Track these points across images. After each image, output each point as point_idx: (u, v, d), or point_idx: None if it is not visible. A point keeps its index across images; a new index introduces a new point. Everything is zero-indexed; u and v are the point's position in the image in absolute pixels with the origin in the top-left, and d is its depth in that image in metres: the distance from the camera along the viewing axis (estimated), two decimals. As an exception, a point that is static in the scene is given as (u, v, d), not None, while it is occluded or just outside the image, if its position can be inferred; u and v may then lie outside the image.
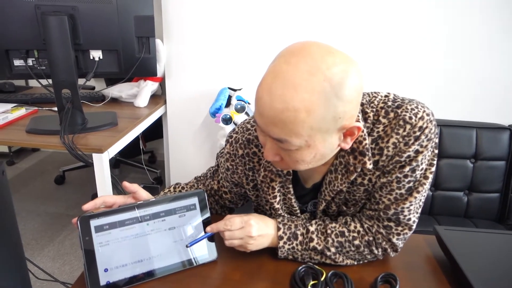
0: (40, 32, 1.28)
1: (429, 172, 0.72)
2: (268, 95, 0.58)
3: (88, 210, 0.75)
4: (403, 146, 0.68)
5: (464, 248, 0.77)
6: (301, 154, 0.63)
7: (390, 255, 0.77)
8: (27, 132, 1.44)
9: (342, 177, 0.74)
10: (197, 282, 0.73)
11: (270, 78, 0.58)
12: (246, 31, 1.78)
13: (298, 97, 0.56)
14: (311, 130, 0.59)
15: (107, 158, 1.36)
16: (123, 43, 1.40)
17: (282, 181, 0.79)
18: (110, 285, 0.70)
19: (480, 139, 1.61)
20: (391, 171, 0.71)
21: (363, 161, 0.70)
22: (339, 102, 0.57)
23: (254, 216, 0.77)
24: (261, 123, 0.62)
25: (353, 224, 0.77)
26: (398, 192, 0.72)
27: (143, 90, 1.85)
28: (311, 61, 0.56)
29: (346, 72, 0.57)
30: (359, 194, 0.76)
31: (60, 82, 1.30)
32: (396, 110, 0.69)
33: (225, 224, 0.75)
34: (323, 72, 0.56)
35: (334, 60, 0.57)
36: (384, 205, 0.73)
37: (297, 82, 0.56)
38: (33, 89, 2.12)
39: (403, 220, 0.74)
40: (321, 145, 0.62)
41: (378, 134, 0.70)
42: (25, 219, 2.24)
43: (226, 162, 0.85)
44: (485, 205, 1.63)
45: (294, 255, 0.77)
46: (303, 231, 0.77)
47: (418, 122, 0.67)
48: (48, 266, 1.88)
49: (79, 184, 2.70)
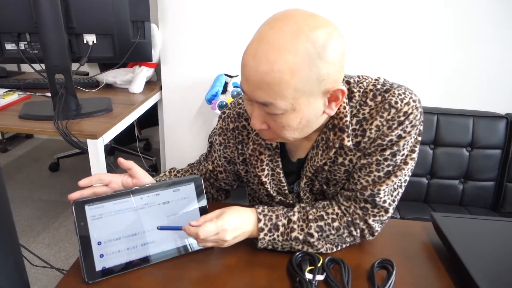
0: (32, 15, 1.25)
1: (409, 158, 0.72)
2: (253, 59, 0.59)
3: (84, 185, 0.75)
4: (386, 130, 0.69)
5: (460, 235, 0.77)
6: (286, 119, 0.64)
7: (366, 238, 0.77)
8: (20, 117, 1.42)
9: (322, 153, 0.75)
10: (193, 268, 0.72)
11: (255, 43, 0.60)
12: (243, 17, 1.75)
13: (282, 59, 0.57)
14: (295, 92, 0.60)
15: (102, 144, 1.35)
16: (117, 27, 1.37)
17: (271, 155, 0.80)
18: (106, 271, 0.69)
19: (476, 127, 1.61)
20: (372, 153, 0.72)
21: (341, 138, 0.71)
22: (322, 63, 0.59)
23: (230, 216, 0.71)
24: (247, 89, 0.63)
25: (331, 208, 0.77)
26: (377, 174, 0.72)
27: (138, 76, 1.83)
28: (294, 24, 0.58)
29: (329, 34, 0.59)
30: (339, 174, 0.77)
31: (53, 66, 1.28)
32: (384, 94, 0.70)
33: (198, 234, 0.68)
34: (306, 34, 0.57)
35: (316, 23, 0.59)
36: (362, 186, 0.74)
37: (281, 45, 0.57)
38: (25, 74, 2.09)
39: (379, 203, 0.74)
40: (306, 108, 0.63)
41: (363, 116, 0.71)
42: (20, 206, 2.23)
43: (219, 136, 0.86)
44: (480, 193, 1.64)
45: (274, 245, 0.75)
46: (285, 221, 0.75)
47: (403, 107, 0.68)
48: (43, 253, 1.88)
49: (74, 171, 2.68)
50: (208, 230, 0.68)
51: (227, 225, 0.70)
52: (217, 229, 0.69)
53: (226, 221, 0.70)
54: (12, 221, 0.60)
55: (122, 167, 0.78)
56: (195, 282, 0.69)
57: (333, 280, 0.68)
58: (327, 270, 0.70)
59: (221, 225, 0.69)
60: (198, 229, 0.68)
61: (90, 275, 0.67)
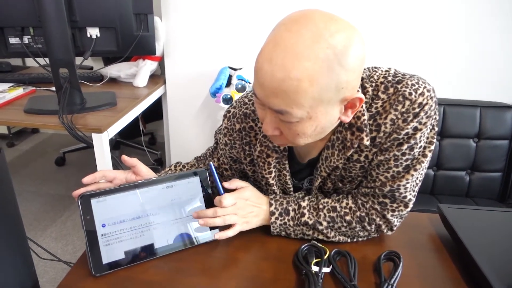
0: (35, 9, 1.24)
1: (428, 150, 0.70)
2: (268, 64, 0.55)
3: (88, 182, 0.74)
4: (401, 123, 0.66)
5: (468, 226, 0.77)
6: (302, 127, 0.61)
7: (384, 232, 0.77)
8: (26, 112, 1.42)
9: (338, 153, 0.73)
10: (199, 260, 0.73)
11: (270, 46, 0.56)
12: (247, 9, 1.74)
13: (300, 66, 0.54)
14: (313, 101, 0.57)
15: (107, 138, 1.35)
16: (120, 20, 1.36)
17: (278, 157, 0.79)
18: (112, 264, 0.69)
19: (483, 118, 1.59)
20: (389, 149, 0.69)
21: (360, 137, 0.69)
22: (342, 71, 0.55)
23: (250, 190, 0.79)
24: (261, 95, 0.59)
25: (345, 201, 0.77)
26: (395, 170, 0.71)
27: (142, 69, 1.82)
28: (313, 28, 0.54)
29: (350, 40, 0.55)
30: (355, 171, 0.75)
31: (57, 60, 1.28)
32: (396, 86, 0.67)
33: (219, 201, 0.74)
34: (326, 39, 0.54)
35: (337, 27, 0.55)
36: (381, 183, 0.72)
37: (299, 50, 0.53)
38: (30, 68, 2.09)
39: (399, 197, 0.73)
40: (323, 117, 0.60)
41: (376, 110, 0.68)
42: (27, 200, 2.25)
43: (224, 137, 0.84)
44: (487, 184, 1.62)
45: (287, 231, 0.77)
46: (295, 206, 0.77)
47: (418, 98, 0.65)
48: (51, 246, 1.90)
49: (80, 165, 2.69)
50: (227, 197, 0.75)
51: (246, 195, 0.77)
52: (236, 199, 0.75)
53: (244, 193, 0.77)
54: (19, 215, 0.61)
55: (126, 164, 0.78)
56: (201, 275, 0.69)
57: (340, 272, 0.68)
58: (333, 262, 0.70)
59: (242, 191, 0.77)
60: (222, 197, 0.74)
61: (97, 268, 0.68)
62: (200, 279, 0.68)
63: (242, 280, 0.68)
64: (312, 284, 0.64)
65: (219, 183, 0.76)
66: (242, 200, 0.77)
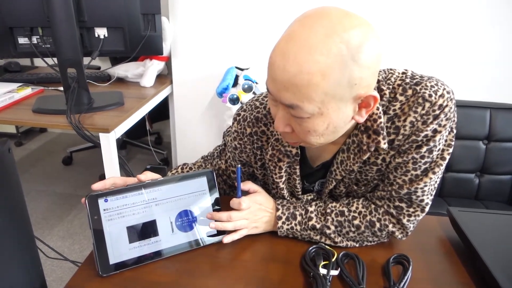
0: (44, 9, 1.25)
1: (446, 153, 0.69)
2: (281, 58, 0.55)
3: (98, 189, 0.74)
4: (420, 125, 0.65)
5: (478, 230, 0.75)
6: (313, 123, 0.60)
7: (398, 238, 0.75)
8: (34, 111, 1.43)
9: (354, 157, 0.71)
10: (206, 262, 0.72)
11: (284, 41, 0.56)
12: (254, 9, 1.73)
13: (312, 60, 0.53)
14: (325, 96, 0.56)
15: (114, 138, 1.35)
16: (128, 20, 1.37)
17: (290, 162, 0.78)
18: (119, 264, 0.69)
19: (494, 119, 1.56)
20: (407, 151, 0.68)
21: (377, 140, 0.67)
22: (356, 67, 0.54)
23: (262, 195, 0.81)
24: (273, 89, 0.59)
25: (355, 205, 0.76)
26: (414, 173, 0.69)
27: (149, 69, 1.83)
28: (327, 23, 0.54)
29: (365, 36, 0.54)
30: (371, 174, 0.74)
31: (66, 60, 1.28)
32: (415, 87, 0.66)
33: (239, 203, 0.76)
34: (339, 34, 0.53)
35: (352, 23, 0.54)
36: (398, 186, 0.71)
37: (312, 44, 0.53)
38: (38, 68, 2.11)
39: (416, 201, 0.71)
40: (335, 114, 0.59)
41: (394, 112, 0.67)
42: (34, 199, 2.26)
43: (233, 141, 0.83)
44: (497, 187, 1.60)
45: (294, 235, 0.77)
46: (302, 211, 0.77)
47: (438, 100, 0.64)
48: (58, 245, 1.91)
49: (87, 165, 2.71)
50: (244, 200, 0.76)
51: (259, 199, 0.78)
52: (251, 201, 0.77)
53: (257, 197, 0.79)
54: (27, 214, 0.61)
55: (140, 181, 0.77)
56: (208, 276, 0.69)
57: (348, 275, 0.67)
58: (341, 265, 0.69)
59: (254, 195, 0.79)
60: (241, 200, 0.76)
61: (103, 268, 0.68)
62: (208, 280, 0.68)
63: (249, 281, 0.68)
64: (320, 286, 0.63)
65: (240, 187, 0.77)
66: (256, 205, 0.77)
